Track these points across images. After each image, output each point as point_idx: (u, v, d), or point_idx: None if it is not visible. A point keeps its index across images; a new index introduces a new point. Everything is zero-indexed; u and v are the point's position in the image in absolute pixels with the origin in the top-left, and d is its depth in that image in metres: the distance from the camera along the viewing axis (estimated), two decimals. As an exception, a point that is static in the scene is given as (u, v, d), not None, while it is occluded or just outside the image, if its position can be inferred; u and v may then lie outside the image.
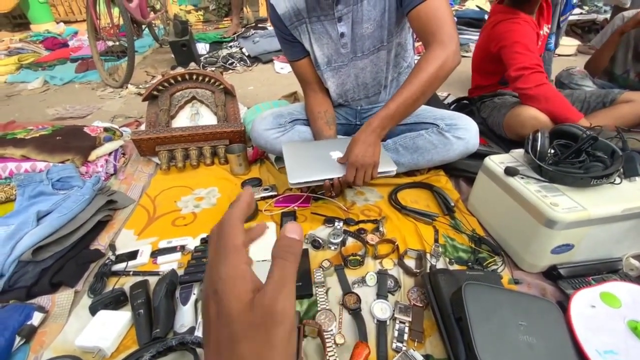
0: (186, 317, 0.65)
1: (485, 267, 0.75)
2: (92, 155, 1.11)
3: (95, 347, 0.60)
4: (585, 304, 0.61)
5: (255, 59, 2.44)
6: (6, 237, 0.81)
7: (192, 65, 1.53)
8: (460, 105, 1.49)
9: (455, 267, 0.76)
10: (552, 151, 0.77)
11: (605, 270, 0.73)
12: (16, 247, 0.79)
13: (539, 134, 0.77)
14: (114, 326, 0.63)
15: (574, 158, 0.74)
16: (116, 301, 0.69)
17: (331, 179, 0.86)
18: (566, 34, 2.55)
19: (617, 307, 0.61)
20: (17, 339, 0.64)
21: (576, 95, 1.29)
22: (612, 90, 1.26)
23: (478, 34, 2.56)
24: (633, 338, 0.57)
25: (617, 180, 0.71)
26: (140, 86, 2.07)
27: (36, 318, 0.68)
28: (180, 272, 0.76)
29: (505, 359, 0.51)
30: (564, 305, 0.63)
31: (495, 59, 1.24)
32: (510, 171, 0.76)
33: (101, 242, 0.88)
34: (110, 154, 1.18)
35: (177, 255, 0.81)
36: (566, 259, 0.72)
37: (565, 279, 0.70)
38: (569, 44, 2.40)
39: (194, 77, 1.35)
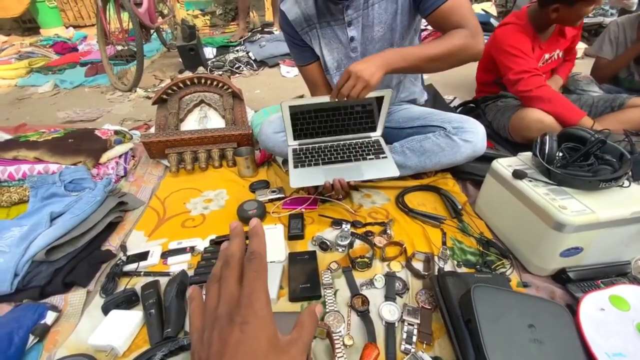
0: (197, 317, 0.65)
1: (494, 270, 0.76)
2: (103, 158, 1.13)
3: (108, 346, 0.61)
4: (594, 307, 0.61)
5: (262, 63, 2.46)
6: (20, 237, 0.83)
7: (201, 69, 1.55)
8: (466, 109, 1.49)
9: (464, 269, 0.77)
10: (561, 154, 0.77)
11: (614, 273, 0.72)
12: (30, 248, 0.80)
13: (547, 137, 0.77)
14: (126, 325, 0.64)
15: (582, 161, 0.74)
16: (128, 301, 0.70)
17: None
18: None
19: (626, 310, 0.61)
20: (31, 337, 0.66)
21: (584, 101, 1.29)
22: (620, 95, 1.26)
23: (485, 37, 2.59)
24: (643, 341, 0.56)
25: (626, 183, 0.71)
26: (149, 90, 2.10)
27: (49, 317, 0.69)
28: (190, 272, 0.77)
29: (515, 361, 0.51)
30: (573, 309, 0.63)
31: (493, 60, 1.28)
32: (518, 174, 0.76)
33: (112, 243, 0.89)
34: (120, 156, 1.20)
35: (187, 257, 0.82)
36: (575, 262, 0.72)
37: (574, 282, 0.70)
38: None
39: (203, 81, 1.36)
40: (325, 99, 0.90)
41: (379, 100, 0.94)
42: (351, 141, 1.01)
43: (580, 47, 2.42)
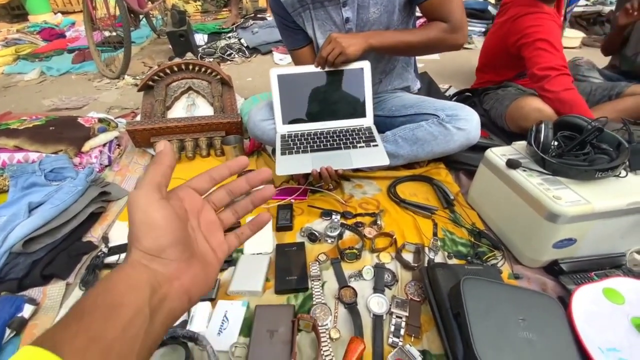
0: (178, 310, 0.63)
1: (485, 261, 0.74)
2: (86, 146, 1.09)
3: (85, 341, 0.59)
4: (587, 299, 0.59)
5: (254, 50, 2.40)
6: (-3, 228, 0.80)
7: (189, 55, 1.50)
8: (462, 98, 1.46)
9: (454, 261, 0.75)
10: (556, 143, 0.75)
11: (608, 265, 0.71)
12: (7, 239, 0.77)
13: (543, 125, 0.74)
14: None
15: (578, 150, 0.71)
16: (108, 294, 0.68)
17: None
18: (571, 26, 2.50)
19: (620, 304, 0.59)
20: (8, 331, 0.63)
21: (582, 88, 1.26)
22: (618, 83, 1.23)
23: (482, 25, 2.53)
24: (636, 335, 0.55)
25: (623, 173, 0.69)
26: (137, 77, 2.04)
27: (27, 310, 0.67)
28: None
29: (504, 356, 0.49)
30: (565, 301, 0.61)
31: (513, 55, 1.17)
32: (512, 163, 0.74)
33: (94, 234, 0.86)
34: (104, 145, 1.16)
35: (171, 248, 0.80)
36: (568, 253, 0.70)
37: (566, 274, 0.69)
38: (573, 36, 2.35)
39: (190, 67, 1.32)
40: (312, 67, 0.93)
41: (361, 78, 0.95)
42: (342, 128, 0.97)
43: (578, 36, 2.38)
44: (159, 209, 0.26)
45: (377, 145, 0.91)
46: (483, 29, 2.48)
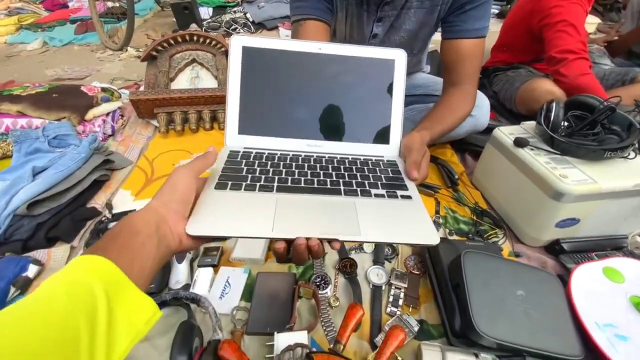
0: (181, 274, 0.64)
1: (486, 239, 0.74)
2: (89, 115, 1.08)
3: (89, 299, 0.60)
4: (587, 277, 0.60)
5: (260, 25, 2.35)
6: (2, 191, 0.80)
7: (193, 26, 1.46)
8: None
9: (455, 238, 0.75)
10: (566, 123, 0.74)
11: (609, 247, 0.71)
12: (11, 201, 0.78)
13: (554, 104, 0.73)
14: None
15: (588, 130, 0.70)
16: (111, 257, 0.69)
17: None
18: (588, 11, 2.41)
19: (620, 282, 0.60)
20: (12, 289, 0.65)
21: (594, 73, 1.23)
22: (632, 69, 1.20)
23: (496, 6, 2.45)
24: (634, 313, 0.55)
25: (632, 154, 0.68)
26: (140, 49, 2.01)
27: (31, 270, 0.68)
28: (176, 232, 0.76)
29: (501, 326, 0.50)
30: (564, 280, 0.61)
31: (535, 37, 1.13)
32: (520, 142, 0.73)
33: (98, 201, 0.87)
34: (108, 114, 1.15)
35: (174, 216, 0.80)
36: (570, 233, 0.70)
37: (567, 254, 0.69)
38: (589, 22, 2.27)
39: (195, 38, 1.29)
40: (308, 45, 0.54)
41: (388, 75, 0.56)
42: (345, 155, 0.55)
43: (594, 21, 2.30)
44: (187, 183, 0.39)
45: (409, 198, 0.47)
46: (497, 11, 2.40)
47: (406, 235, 0.41)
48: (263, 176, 0.48)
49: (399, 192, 0.47)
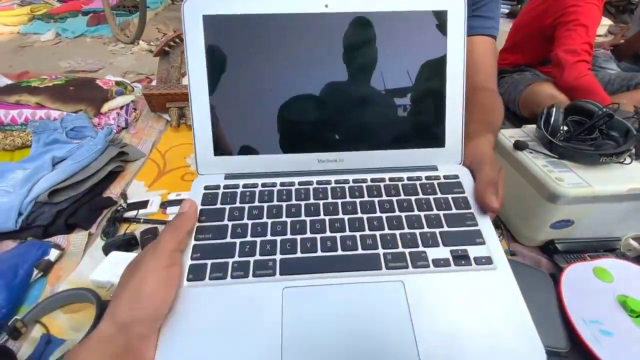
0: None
1: (484, 237, 0.77)
2: (105, 108, 1.12)
3: (108, 283, 0.64)
4: (577, 276, 0.63)
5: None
6: (23, 179, 0.85)
7: (205, 22, 1.49)
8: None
9: (454, 236, 0.78)
10: (566, 128, 0.76)
11: (602, 248, 0.74)
12: (33, 189, 0.82)
13: (554, 109, 0.75)
14: (125, 265, 0.67)
15: (586, 135, 0.73)
16: (127, 244, 0.73)
17: None
18: (598, 12, 2.40)
19: (609, 282, 0.62)
20: (35, 271, 0.69)
21: (599, 77, 1.24)
22: (637, 74, 1.21)
23: (506, 6, 2.45)
24: (620, 311, 0.58)
25: (627, 160, 0.71)
26: (152, 43, 2.05)
27: (53, 254, 0.72)
28: (188, 222, 0.80)
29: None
30: (556, 278, 0.65)
31: (546, 37, 1.15)
32: (519, 145, 0.75)
33: (113, 191, 0.91)
34: (121, 108, 1.20)
35: (185, 207, 0.84)
36: (565, 234, 0.73)
37: (561, 254, 0.72)
38: (600, 23, 2.27)
39: (207, 34, 1.32)
40: (307, 2, 0.36)
41: (440, 41, 0.38)
42: (380, 175, 0.39)
43: (605, 23, 2.30)
44: (156, 283, 0.28)
45: (489, 263, 0.34)
46: (507, 10, 2.40)
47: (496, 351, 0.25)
48: (258, 240, 0.32)
49: (473, 252, 0.32)
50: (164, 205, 0.85)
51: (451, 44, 0.37)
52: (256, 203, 0.35)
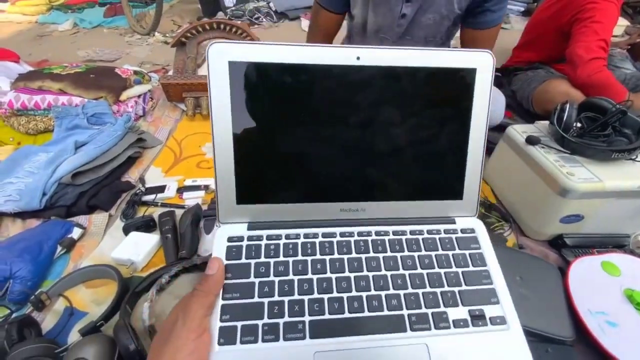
0: (209, 244, 0.71)
1: (492, 230, 0.78)
2: (123, 96, 1.15)
3: (128, 260, 0.67)
4: (585, 269, 0.64)
5: (282, 15, 2.38)
6: (47, 161, 0.89)
7: (220, 14, 1.52)
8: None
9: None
10: (579, 125, 0.77)
11: (611, 244, 0.74)
12: (56, 171, 0.85)
13: (567, 105, 0.76)
14: (145, 245, 0.70)
15: (599, 131, 0.73)
16: (146, 225, 0.76)
17: None
18: (616, 12, 2.36)
19: (616, 276, 0.63)
20: (59, 248, 0.72)
21: (615, 77, 1.23)
22: (654, 74, 1.20)
23: (521, 4, 2.42)
24: (626, 304, 0.59)
25: (639, 157, 0.71)
26: (167, 35, 2.08)
27: (76, 233, 0.75)
28: (204, 207, 0.82)
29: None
30: (563, 272, 0.66)
31: (563, 34, 1.14)
32: (531, 140, 0.76)
33: (132, 176, 0.94)
34: (139, 96, 1.23)
35: (201, 193, 0.87)
36: (574, 229, 0.73)
37: (569, 248, 0.73)
38: (617, 24, 2.23)
39: (222, 26, 1.34)
40: (339, 53, 0.35)
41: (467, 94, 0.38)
42: (401, 227, 0.40)
43: (622, 24, 2.26)
44: (188, 352, 0.28)
45: (503, 323, 0.34)
46: (522, 9, 2.38)
47: None
48: (286, 300, 0.33)
49: (488, 312, 0.34)
50: (180, 190, 0.88)
51: (477, 101, 0.38)
52: (281, 257, 0.36)
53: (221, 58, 0.34)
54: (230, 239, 0.37)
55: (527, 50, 1.32)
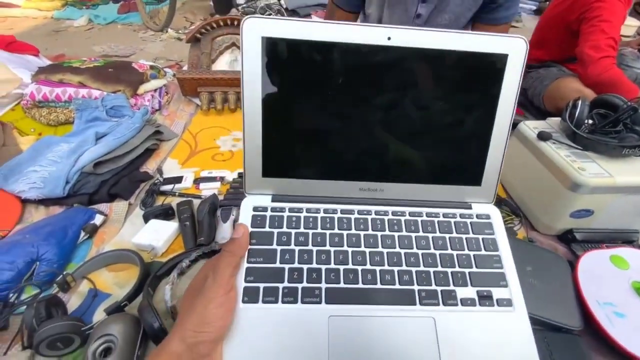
0: (226, 231, 0.73)
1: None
2: (140, 89, 1.18)
3: (149, 246, 0.70)
4: (594, 261, 0.65)
5: (293, 13, 2.40)
6: (69, 151, 0.92)
7: (234, 11, 1.54)
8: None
9: (473, 221, 0.80)
10: (591, 121, 0.77)
11: (620, 240, 0.75)
12: (79, 160, 0.89)
13: (580, 102, 0.77)
14: (164, 231, 0.73)
15: (611, 127, 0.74)
16: (165, 214, 0.79)
17: None
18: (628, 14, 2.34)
19: (624, 269, 0.64)
20: (82, 233, 0.75)
21: (626, 76, 1.23)
22: (666, 73, 1.20)
23: (533, 3, 2.41)
24: (634, 296, 0.61)
25: (651, 153, 0.72)
26: (180, 31, 2.11)
27: (98, 219, 0.78)
28: (220, 197, 0.85)
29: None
30: (573, 265, 0.67)
31: (572, 32, 1.15)
32: (543, 136, 0.77)
33: (149, 167, 0.97)
34: (155, 90, 1.26)
35: (217, 184, 0.89)
36: (584, 224, 0.74)
37: (579, 243, 0.74)
38: (628, 24, 2.22)
39: (235, 23, 1.37)
40: (371, 33, 0.35)
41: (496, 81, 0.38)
42: (417, 209, 0.41)
43: (634, 24, 2.24)
44: (219, 308, 0.31)
45: (509, 305, 0.36)
46: (534, 7, 2.37)
47: None
48: (305, 267, 0.35)
49: (496, 293, 0.35)
50: (197, 181, 0.91)
51: (505, 87, 0.38)
52: (302, 229, 0.38)
53: (255, 33, 0.35)
54: (255, 209, 0.39)
55: (539, 48, 1.32)
